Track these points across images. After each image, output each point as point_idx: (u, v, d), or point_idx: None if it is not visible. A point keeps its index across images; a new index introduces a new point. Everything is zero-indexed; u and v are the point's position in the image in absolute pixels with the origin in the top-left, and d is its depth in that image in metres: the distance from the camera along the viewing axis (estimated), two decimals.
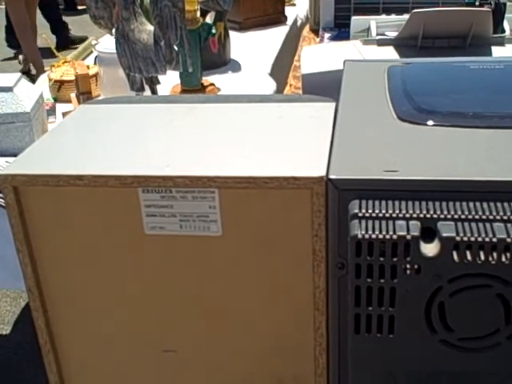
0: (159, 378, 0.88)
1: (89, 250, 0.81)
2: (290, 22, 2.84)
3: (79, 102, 1.73)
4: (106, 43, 1.90)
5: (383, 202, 0.64)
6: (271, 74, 2.18)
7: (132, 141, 0.86)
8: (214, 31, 2.10)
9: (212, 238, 0.77)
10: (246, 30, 2.67)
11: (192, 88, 1.98)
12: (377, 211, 0.63)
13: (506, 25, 1.37)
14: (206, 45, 2.09)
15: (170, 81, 1.91)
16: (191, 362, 0.86)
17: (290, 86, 1.63)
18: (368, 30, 1.45)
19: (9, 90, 1.58)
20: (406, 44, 1.24)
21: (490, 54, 1.21)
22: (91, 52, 2.41)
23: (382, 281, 0.63)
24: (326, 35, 1.71)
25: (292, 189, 0.72)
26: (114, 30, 1.87)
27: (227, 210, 0.76)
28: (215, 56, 2.17)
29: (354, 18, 1.54)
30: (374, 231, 0.62)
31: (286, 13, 2.84)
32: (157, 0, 1.60)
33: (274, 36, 2.64)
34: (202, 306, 0.82)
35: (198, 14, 2.02)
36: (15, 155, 1.59)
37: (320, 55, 1.25)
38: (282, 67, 2.41)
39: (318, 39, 2.06)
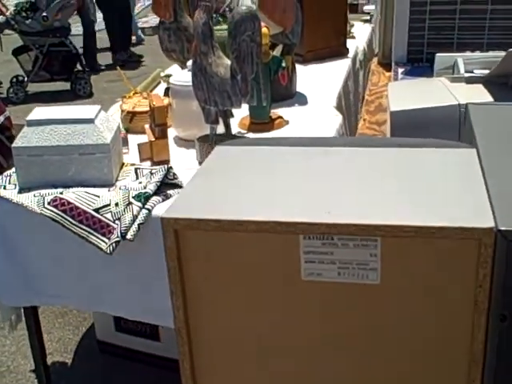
0: None
1: (243, 296, 0.80)
2: (351, 54, 2.85)
3: (154, 134, 1.75)
4: (179, 75, 1.93)
5: None
6: (337, 107, 2.19)
7: (283, 185, 0.85)
8: (284, 64, 2.12)
9: (369, 285, 0.76)
10: (309, 63, 2.68)
11: (261, 121, 2.00)
12: None
13: None
14: (275, 78, 2.11)
15: (237, 113, 1.92)
16: None
17: (364, 120, 1.62)
18: (454, 66, 1.43)
19: (90, 121, 1.62)
20: (496, 82, 1.22)
21: None
22: (159, 83, 2.46)
23: None
24: (400, 70, 1.70)
25: (459, 239, 0.71)
26: (188, 63, 1.90)
27: (388, 259, 0.74)
28: (282, 89, 2.18)
29: (438, 54, 1.54)
30: None
31: (347, 45, 2.86)
32: (236, 35, 1.62)
33: (337, 68, 2.64)
34: (357, 353, 0.80)
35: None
36: (94, 185, 1.62)
37: (408, 92, 1.24)
38: (346, 100, 2.41)
39: (388, 73, 2.06)
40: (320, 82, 2.45)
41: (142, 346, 1.97)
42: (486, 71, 1.30)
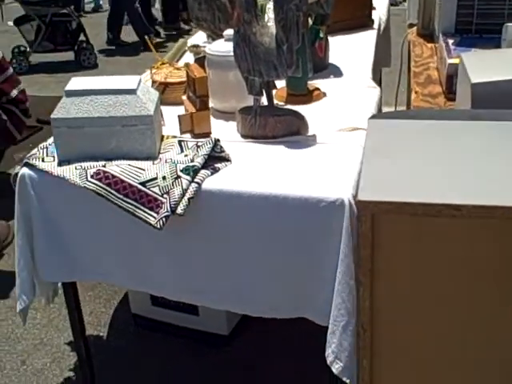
0: None
1: (444, 288, 0.72)
2: (375, 25, 2.79)
3: (195, 106, 1.70)
4: (216, 45, 1.87)
5: None
6: (373, 79, 2.13)
7: (474, 166, 0.75)
8: (321, 35, 2.06)
9: None
10: (335, 34, 2.61)
11: (299, 93, 1.95)
12: None
13: None
14: (312, 49, 2.05)
15: None
16: None
17: (416, 93, 1.58)
18: None
19: (132, 92, 1.56)
20: None
21: None
22: (184, 53, 2.39)
23: None
24: (450, 41, 1.65)
25: None
26: (225, 32, 1.84)
27: None
28: (317, 60, 2.12)
29: (509, 24, 1.48)
30: None
31: None
32: (283, 3, 1.56)
33: (364, 40, 2.58)
34: None
35: None
36: (136, 158, 1.57)
37: (485, 63, 1.18)
38: (375, 76, 2.36)
39: (430, 44, 2.00)
40: (350, 53, 2.39)
41: (180, 320, 1.94)
42: None
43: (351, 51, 2.41)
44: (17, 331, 2.03)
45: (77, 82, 1.63)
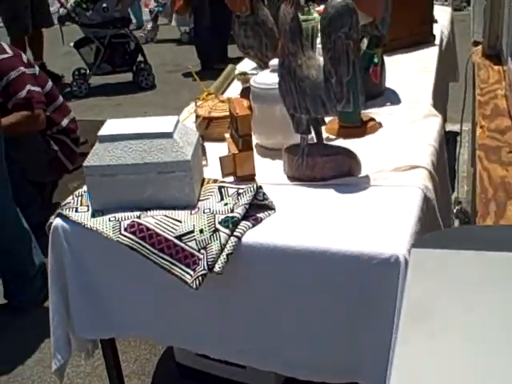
0: None
1: None
2: (437, 41, 2.60)
3: (237, 145, 1.57)
4: (261, 77, 1.74)
5: None
6: (434, 105, 1.95)
7: None
8: (376, 60, 1.91)
9: None
10: (392, 53, 2.44)
11: (352, 124, 1.79)
12: None
13: None
14: (365, 75, 1.90)
15: None
16: None
17: (482, 127, 1.40)
18: None
19: (169, 136, 1.45)
20: None
21: None
22: (233, 79, 2.28)
23: None
24: None
25: None
26: (271, 62, 1.70)
27: None
28: (372, 86, 1.96)
29: None
30: None
31: None
32: (330, 32, 1.42)
33: (425, 58, 2.40)
34: None
35: None
36: (173, 207, 1.46)
37: None
38: (440, 96, 2.18)
39: (497, 67, 1.80)
40: (409, 75, 2.21)
41: (226, 372, 1.82)
42: None
43: (410, 73, 2.23)
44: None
45: (111, 126, 1.53)
